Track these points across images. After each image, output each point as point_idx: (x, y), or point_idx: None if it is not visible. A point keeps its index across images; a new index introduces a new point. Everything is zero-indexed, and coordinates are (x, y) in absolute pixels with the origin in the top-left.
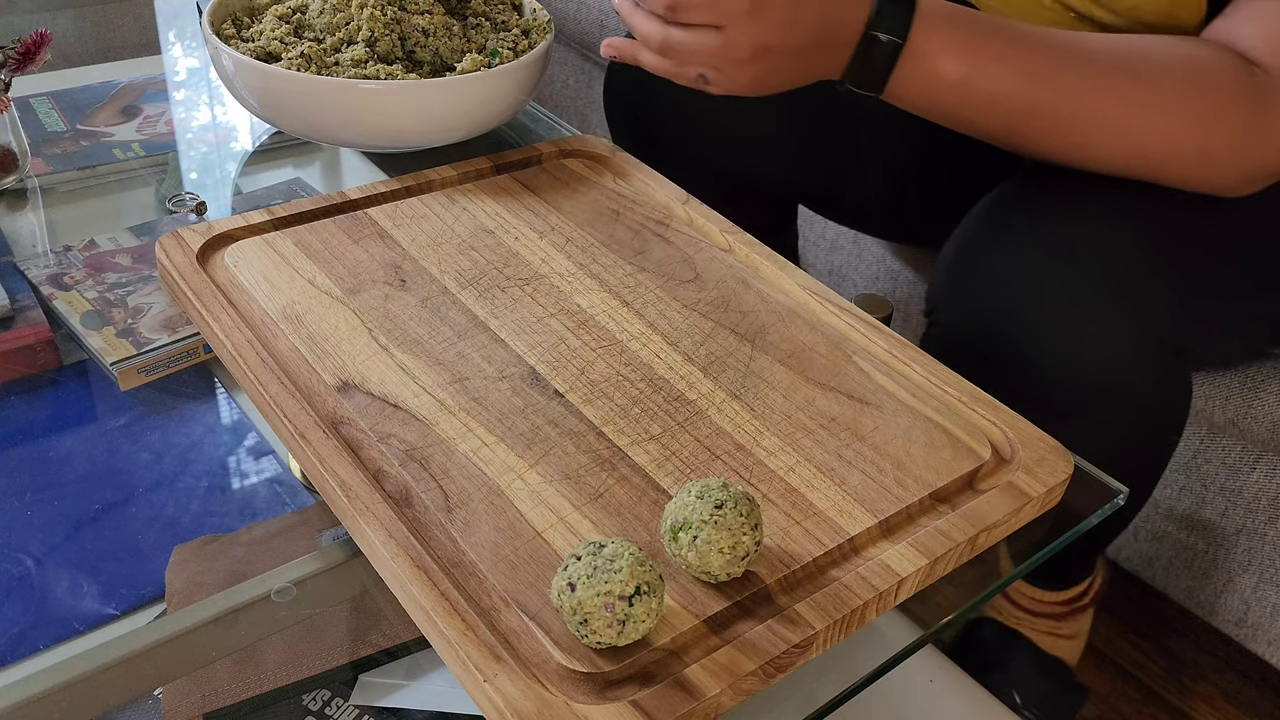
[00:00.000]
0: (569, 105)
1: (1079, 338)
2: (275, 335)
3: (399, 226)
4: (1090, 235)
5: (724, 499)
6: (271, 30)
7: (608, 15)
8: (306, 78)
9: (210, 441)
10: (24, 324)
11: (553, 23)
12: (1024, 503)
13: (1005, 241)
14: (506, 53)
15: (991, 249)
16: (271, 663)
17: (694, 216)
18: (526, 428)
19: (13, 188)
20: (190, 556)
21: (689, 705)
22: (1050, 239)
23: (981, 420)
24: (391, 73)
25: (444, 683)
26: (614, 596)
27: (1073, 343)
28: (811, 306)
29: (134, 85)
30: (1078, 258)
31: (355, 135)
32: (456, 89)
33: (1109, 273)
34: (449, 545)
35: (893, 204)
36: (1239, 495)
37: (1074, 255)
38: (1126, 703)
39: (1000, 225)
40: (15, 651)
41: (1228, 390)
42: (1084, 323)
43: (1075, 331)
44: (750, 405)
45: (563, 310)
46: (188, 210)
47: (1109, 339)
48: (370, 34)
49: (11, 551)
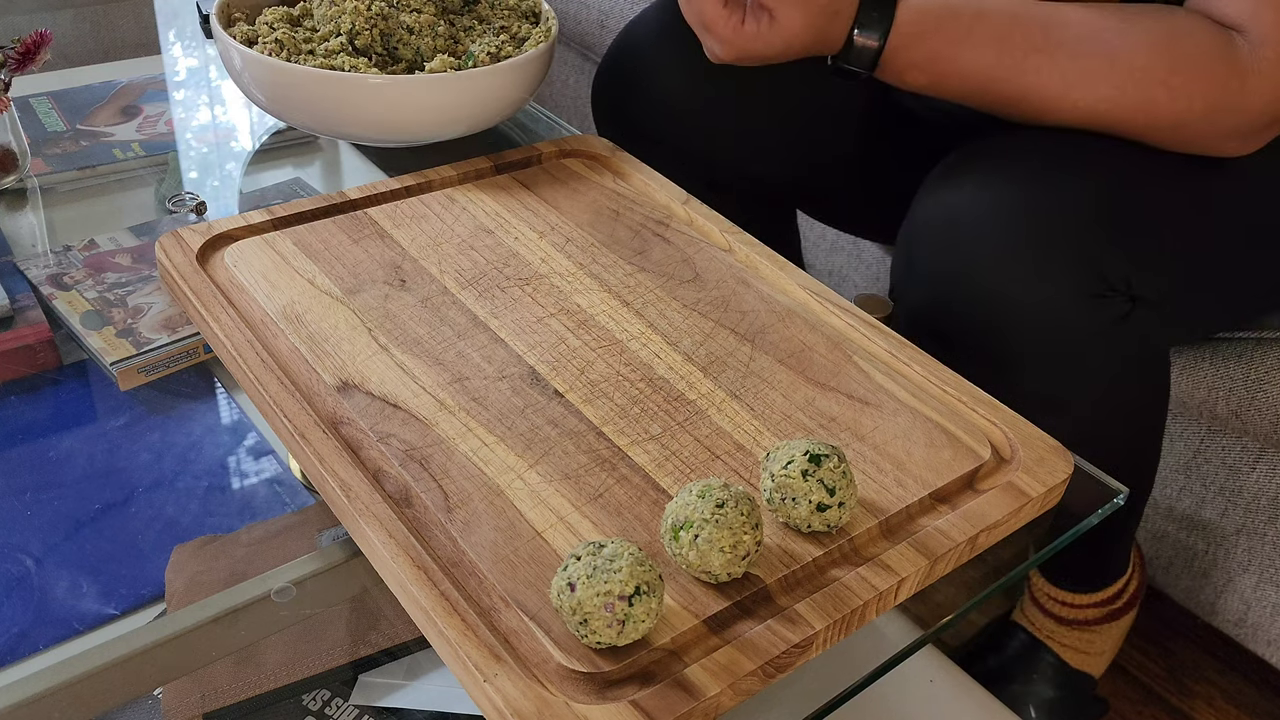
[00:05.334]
0: (569, 105)
1: (1017, 292)
2: (275, 335)
3: (399, 226)
4: (1024, 192)
5: (725, 498)
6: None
7: (608, 15)
8: (313, 71)
9: (210, 441)
10: (24, 324)
11: (555, 24)
12: (1024, 502)
13: (942, 210)
14: (483, 57)
15: (932, 220)
16: (271, 663)
17: (694, 216)
18: (526, 428)
19: (13, 188)
20: (190, 556)
21: (689, 705)
22: (982, 200)
23: (981, 420)
24: (356, 65)
25: (444, 683)
26: (614, 596)
27: (1013, 298)
28: (811, 306)
29: (134, 85)
30: (1008, 215)
31: (360, 129)
32: (458, 85)
33: (1043, 225)
34: (449, 545)
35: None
36: (1239, 495)
37: (1005, 213)
38: (1126, 703)
39: (937, 197)
40: (15, 651)
41: (1231, 382)
42: (1021, 277)
43: (1013, 286)
44: (750, 405)
45: (563, 310)
46: (188, 210)
47: (1047, 288)
48: (351, 26)
49: (11, 551)
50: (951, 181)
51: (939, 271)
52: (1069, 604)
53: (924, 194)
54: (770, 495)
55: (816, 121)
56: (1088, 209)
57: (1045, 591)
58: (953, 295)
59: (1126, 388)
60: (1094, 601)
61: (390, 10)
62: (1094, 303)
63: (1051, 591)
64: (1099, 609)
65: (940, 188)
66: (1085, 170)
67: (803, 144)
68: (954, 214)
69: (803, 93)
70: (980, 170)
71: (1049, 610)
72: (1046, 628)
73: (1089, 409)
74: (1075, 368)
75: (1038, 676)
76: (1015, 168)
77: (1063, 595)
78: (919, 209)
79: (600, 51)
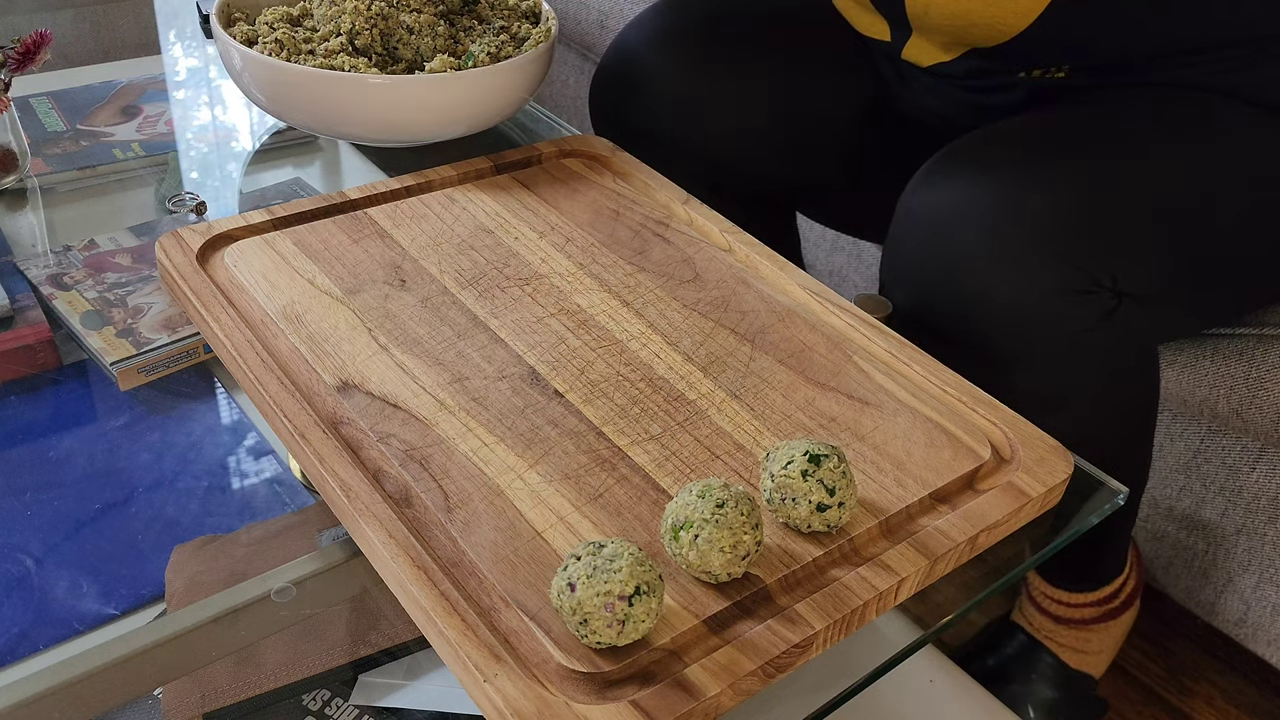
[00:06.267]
0: (569, 105)
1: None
2: (275, 335)
3: (399, 226)
4: (1005, 191)
5: (725, 498)
6: (271, 20)
7: (608, 15)
8: (313, 71)
9: (210, 441)
10: (24, 324)
11: (554, 24)
12: (1024, 502)
13: (925, 210)
14: (483, 57)
15: (915, 220)
16: (271, 663)
17: (694, 216)
18: (526, 428)
19: (13, 188)
20: (190, 556)
21: (689, 705)
22: (965, 200)
23: (981, 420)
24: (356, 65)
25: (444, 683)
26: (614, 596)
27: (997, 297)
28: (811, 306)
29: (134, 85)
30: (990, 214)
31: (360, 129)
32: (458, 85)
33: (1024, 223)
34: (449, 545)
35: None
36: (1239, 495)
37: (987, 212)
38: (1126, 703)
39: (920, 197)
40: (15, 651)
41: (1232, 380)
42: (1005, 276)
43: (997, 285)
44: (750, 405)
45: (562, 310)
46: (187, 210)
47: (1030, 286)
48: (351, 26)
49: (11, 551)
50: (934, 181)
51: (924, 272)
52: (1066, 603)
53: (908, 194)
54: (770, 495)
55: (816, 123)
56: (1070, 205)
57: (1042, 591)
58: (938, 295)
59: (1116, 384)
60: (1091, 601)
61: (390, 10)
62: (1079, 299)
63: (1048, 591)
64: (1096, 608)
65: (923, 187)
66: (1068, 167)
67: (802, 145)
68: (937, 214)
69: (802, 94)
70: (962, 170)
71: (1046, 610)
72: (1044, 627)
73: (1079, 406)
74: (1062, 365)
75: (1037, 676)
76: (997, 166)
77: (1060, 595)
78: (903, 209)
79: (600, 51)
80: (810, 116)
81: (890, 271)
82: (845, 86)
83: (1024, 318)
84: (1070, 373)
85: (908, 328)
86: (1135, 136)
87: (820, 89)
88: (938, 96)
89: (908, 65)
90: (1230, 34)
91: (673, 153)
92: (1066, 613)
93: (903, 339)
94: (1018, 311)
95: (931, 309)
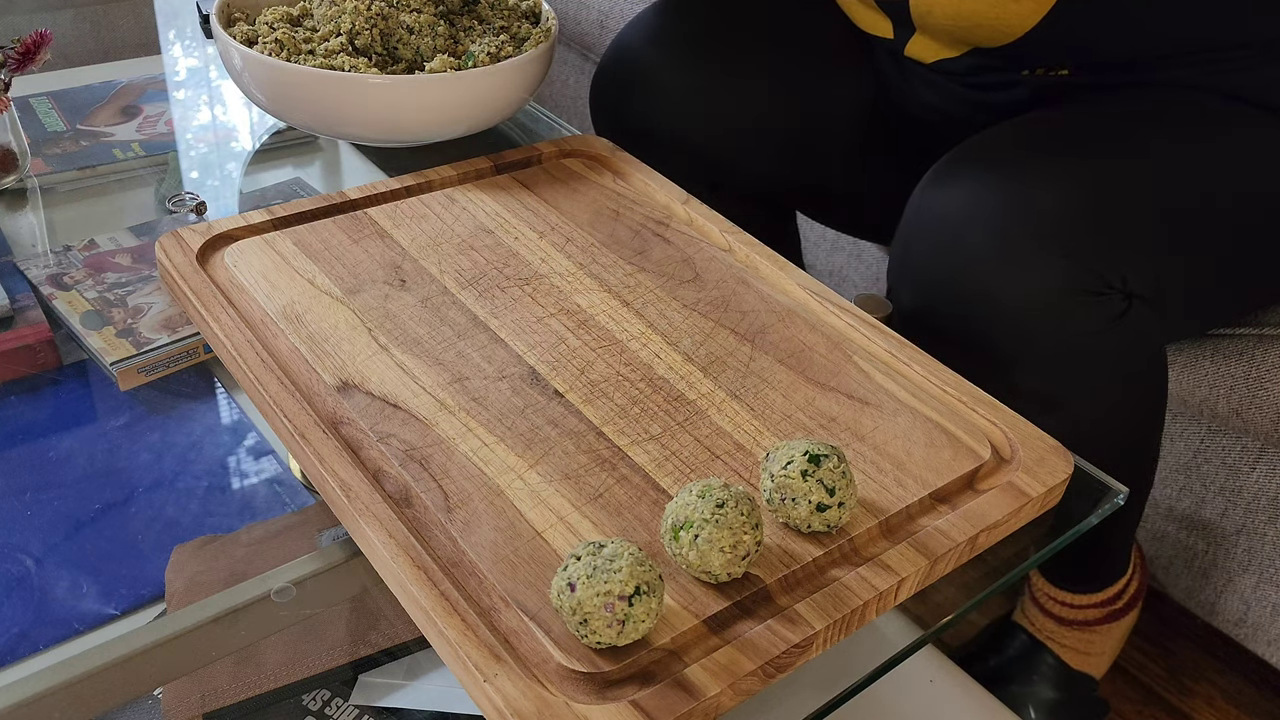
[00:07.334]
0: (569, 105)
1: (1012, 293)
2: (275, 335)
3: (399, 226)
4: (1015, 191)
5: (725, 498)
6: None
7: (608, 15)
8: (313, 71)
9: (210, 441)
10: (24, 324)
11: (554, 24)
12: (1024, 502)
13: (936, 211)
14: (483, 57)
15: (925, 221)
16: (271, 663)
17: (694, 216)
18: (526, 428)
19: (13, 188)
20: (190, 556)
21: (689, 705)
22: (975, 201)
23: (981, 420)
24: (356, 65)
25: (444, 683)
26: (614, 596)
27: (1007, 298)
28: (811, 306)
29: (134, 85)
30: (1000, 215)
31: (360, 129)
32: (458, 85)
33: (1035, 224)
34: (449, 545)
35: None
36: (1239, 495)
37: (997, 213)
38: (1127, 703)
39: (930, 198)
40: (15, 651)
41: (1232, 380)
42: (1015, 277)
43: (1008, 287)
44: (750, 405)
45: (562, 310)
46: (187, 210)
47: (1041, 288)
48: (351, 26)
49: (11, 551)
50: (944, 182)
51: (933, 273)
52: (1069, 604)
53: (917, 195)
54: (770, 495)
55: (815, 122)
56: (1081, 207)
57: (1045, 592)
58: (947, 296)
59: (1125, 386)
60: (1094, 602)
61: (390, 10)
62: (1090, 301)
63: (1051, 592)
64: (1099, 609)
65: (933, 188)
66: (1078, 167)
67: (802, 144)
68: (947, 214)
69: (802, 93)
70: (972, 170)
71: (1049, 611)
72: (1046, 628)
73: (1087, 408)
74: (1072, 367)
75: (1038, 677)
76: (1007, 166)
77: (1063, 596)
78: (912, 210)
79: (600, 51)
80: (810, 116)
81: (898, 272)
82: (845, 86)
83: (1035, 319)
84: (1078, 374)
85: (915, 328)
86: (1143, 137)
87: (820, 88)
88: (938, 92)
89: (909, 61)
90: (1233, 36)
91: (672, 152)
92: (1070, 614)
93: (902, 339)
94: (1029, 313)
95: (940, 309)
